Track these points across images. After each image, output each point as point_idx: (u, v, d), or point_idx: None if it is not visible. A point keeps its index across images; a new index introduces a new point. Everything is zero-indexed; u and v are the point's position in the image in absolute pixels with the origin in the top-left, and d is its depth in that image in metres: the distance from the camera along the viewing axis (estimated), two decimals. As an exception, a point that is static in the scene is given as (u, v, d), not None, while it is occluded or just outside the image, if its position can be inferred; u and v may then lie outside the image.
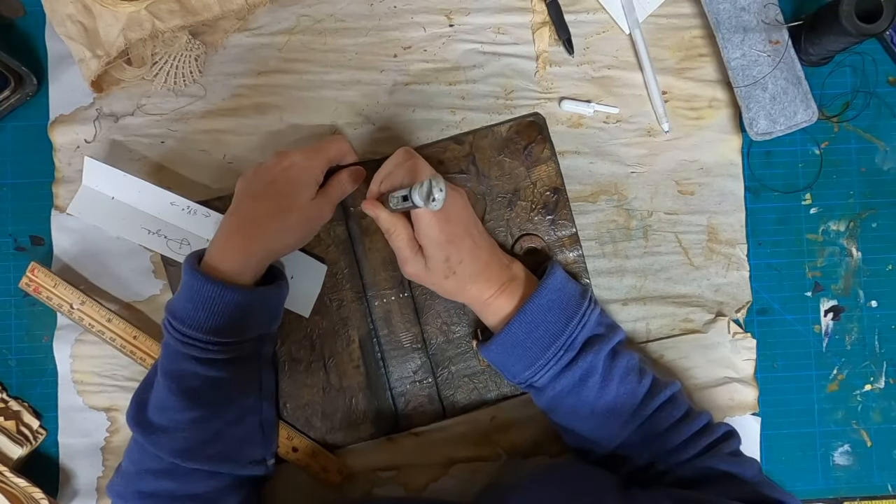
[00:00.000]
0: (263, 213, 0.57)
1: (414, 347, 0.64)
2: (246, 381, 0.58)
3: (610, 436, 0.57)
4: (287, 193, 0.57)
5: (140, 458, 0.56)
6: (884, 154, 0.69)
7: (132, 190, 0.62)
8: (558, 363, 0.56)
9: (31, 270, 0.62)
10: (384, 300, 0.64)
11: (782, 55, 0.66)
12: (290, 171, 0.58)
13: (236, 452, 0.57)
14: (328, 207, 0.60)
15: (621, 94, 0.67)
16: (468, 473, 0.64)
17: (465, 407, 0.64)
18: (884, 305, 0.68)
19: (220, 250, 0.56)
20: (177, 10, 0.59)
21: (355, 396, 0.63)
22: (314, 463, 0.62)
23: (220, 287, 0.54)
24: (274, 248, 0.58)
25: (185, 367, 0.55)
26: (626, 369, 0.57)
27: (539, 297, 0.57)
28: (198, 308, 0.54)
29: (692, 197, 0.67)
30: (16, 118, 0.66)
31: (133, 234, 0.62)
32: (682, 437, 0.55)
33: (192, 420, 0.54)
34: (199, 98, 0.66)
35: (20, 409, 0.64)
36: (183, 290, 0.55)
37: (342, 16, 0.67)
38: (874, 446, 0.68)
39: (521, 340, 0.56)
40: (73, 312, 0.62)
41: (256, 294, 0.56)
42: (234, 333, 0.55)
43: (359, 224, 0.64)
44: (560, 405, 0.57)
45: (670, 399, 0.57)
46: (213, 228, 0.62)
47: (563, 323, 0.56)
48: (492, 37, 0.67)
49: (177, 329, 0.54)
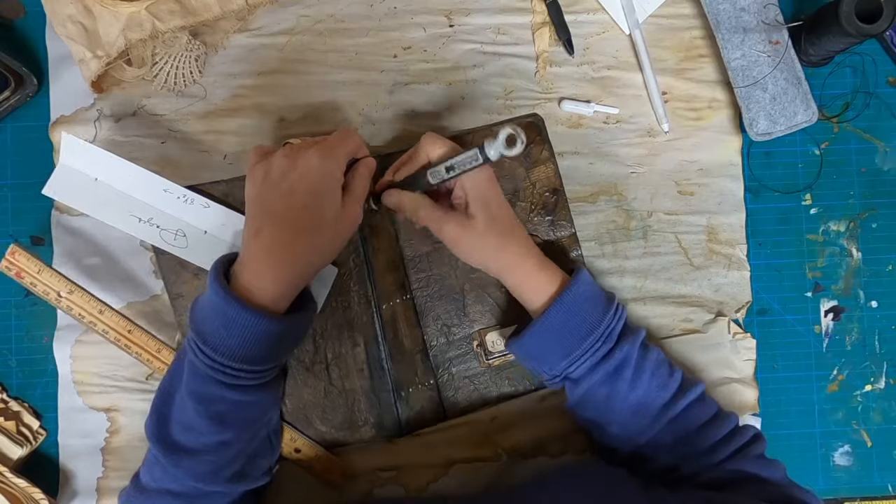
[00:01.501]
0: (291, 235, 0.51)
1: (415, 350, 0.64)
2: (271, 401, 0.57)
3: (639, 431, 0.56)
4: (313, 207, 0.52)
5: (161, 477, 0.54)
6: (884, 154, 0.69)
7: (120, 172, 0.57)
8: (596, 353, 0.55)
9: (11, 253, 0.58)
10: (390, 303, 0.63)
11: (782, 56, 0.66)
12: (309, 179, 0.52)
13: (251, 469, 0.57)
14: (358, 209, 0.55)
15: (621, 95, 0.67)
16: (469, 474, 0.64)
17: (466, 408, 0.64)
18: (884, 306, 0.68)
19: (252, 276, 0.51)
20: (177, 11, 0.59)
21: (358, 399, 0.63)
22: (317, 464, 0.62)
23: (256, 317, 0.50)
24: (309, 272, 0.54)
25: (213, 391, 0.52)
26: (657, 363, 0.56)
27: (576, 286, 0.56)
28: (232, 335, 0.50)
29: (692, 197, 0.67)
30: (16, 119, 0.66)
31: (120, 221, 0.57)
32: (713, 439, 0.55)
33: (218, 443, 0.52)
34: (200, 99, 0.66)
35: (20, 410, 0.64)
36: (212, 311, 0.51)
37: (342, 16, 0.67)
38: (874, 447, 0.68)
39: (558, 329, 0.55)
40: (61, 301, 0.58)
41: (292, 322, 0.53)
42: (266, 361, 0.53)
43: (369, 223, 0.63)
44: (593, 398, 0.56)
45: (700, 397, 0.56)
46: (211, 220, 0.59)
47: (600, 313, 0.56)
48: (492, 37, 0.67)
49: (206, 355, 0.51)
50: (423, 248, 0.64)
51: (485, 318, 0.64)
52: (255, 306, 0.51)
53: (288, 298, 0.54)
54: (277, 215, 0.52)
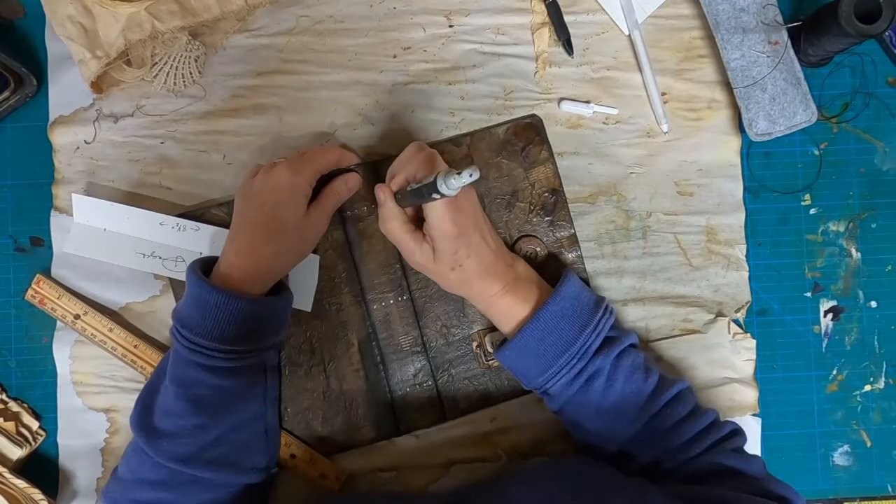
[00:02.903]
0: (257, 239, 0.57)
1: (414, 350, 0.64)
2: (250, 390, 0.58)
3: (617, 433, 0.57)
4: (276, 216, 0.57)
5: (139, 467, 0.56)
6: (883, 154, 0.69)
7: (122, 218, 0.63)
8: (571, 371, 0.56)
9: (37, 283, 0.63)
10: (383, 303, 0.64)
11: (781, 56, 0.66)
12: (277, 192, 0.57)
13: (238, 458, 0.57)
14: (323, 219, 0.60)
15: (621, 95, 0.67)
16: (468, 474, 0.64)
17: (466, 409, 0.64)
18: (883, 306, 0.68)
19: (225, 267, 0.57)
20: (176, 11, 0.59)
21: (356, 400, 0.63)
22: (312, 469, 0.62)
23: (225, 296, 0.54)
24: (274, 272, 0.58)
25: (192, 374, 0.55)
26: (630, 368, 0.57)
27: (552, 304, 0.57)
28: (205, 317, 0.54)
29: (691, 198, 0.67)
30: (15, 119, 0.66)
31: (129, 260, 0.63)
32: (689, 434, 0.55)
33: (195, 426, 0.55)
34: (199, 99, 0.66)
35: (20, 411, 0.64)
36: (189, 298, 0.56)
37: (342, 17, 0.67)
38: (874, 447, 0.68)
39: (533, 347, 0.57)
40: (77, 323, 0.63)
41: (262, 303, 0.57)
42: (241, 342, 0.56)
43: (356, 227, 0.64)
44: (569, 406, 0.58)
45: (677, 396, 0.57)
46: (204, 242, 0.63)
47: (576, 331, 0.56)
48: (491, 37, 0.67)
49: (185, 336, 0.55)
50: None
51: (484, 318, 0.64)
52: (227, 288, 0.55)
53: (259, 287, 0.57)
54: (249, 223, 0.58)
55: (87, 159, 0.65)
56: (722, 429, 0.56)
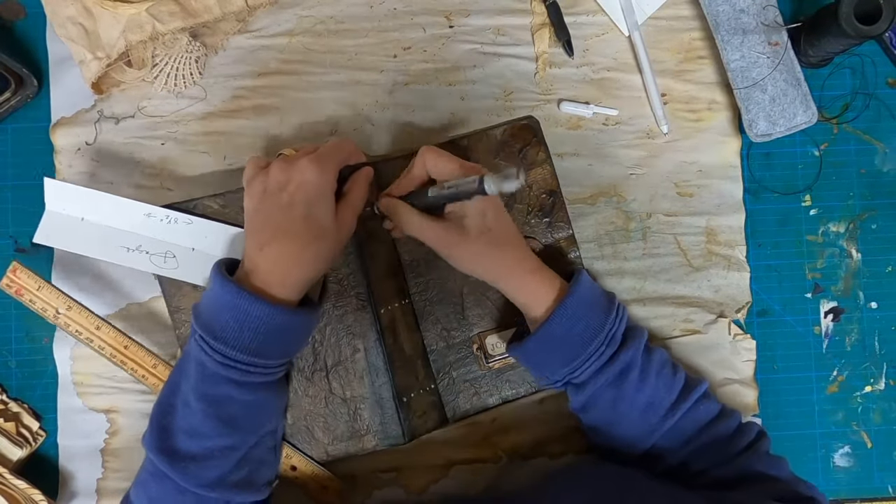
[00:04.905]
0: (298, 247, 0.52)
1: (415, 354, 0.63)
2: (278, 403, 0.57)
3: (647, 433, 0.56)
4: (312, 218, 0.52)
5: (160, 495, 0.52)
6: (883, 155, 0.69)
7: (102, 206, 0.57)
8: (600, 358, 0.55)
9: (13, 270, 0.58)
10: (389, 307, 0.62)
11: (781, 57, 0.66)
12: (305, 190, 0.53)
13: (255, 476, 0.55)
14: (353, 217, 0.56)
15: (620, 96, 0.67)
16: (468, 475, 0.64)
17: (468, 412, 0.64)
18: (884, 307, 0.68)
19: (259, 282, 0.52)
20: (177, 12, 0.59)
21: (359, 406, 0.61)
22: (312, 482, 0.61)
23: (270, 308, 0.50)
24: (312, 279, 0.55)
25: (223, 390, 0.51)
26: (661, 363, 0.56)
27: (577, 292, 0.56)
28: (244, 328, 0.50)
29: (691, 199, 0.67)
30: (16, 120, 0.66)
31: (111, 254, 0.58)
32: (721, 435, 0.55)
33: (224, 447, 0.52)
34: (200, 100, 0.66)
35: (20, 411, 0.64)
36: (223, 309, 0.51)
37: (342, 17, 0.67)
38: (874, 448, 0.68)
39: (561, 336, 0.55)
40: (59, 318, 0.59)
41: (303, 315, 0.54)
42: (277, 355, 0.53)
43: (365, 228, 0.61)
44: (599, 401, 0.56)
45: (705, 394, 0.57)
46: (196, 236, 0.60)
47: (602, 317, 0.56)
48: (491, 38, 0.67)
49: (218, 351, 0.51)
50: (421, 252, 0.63)
51: (484, 320, 0.64)
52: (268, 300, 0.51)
53: (296, 297, 0.54)
54: (280, 228, 0.52)
55: (89, 160, 0.65)
56: (751, 431, 0.56)
